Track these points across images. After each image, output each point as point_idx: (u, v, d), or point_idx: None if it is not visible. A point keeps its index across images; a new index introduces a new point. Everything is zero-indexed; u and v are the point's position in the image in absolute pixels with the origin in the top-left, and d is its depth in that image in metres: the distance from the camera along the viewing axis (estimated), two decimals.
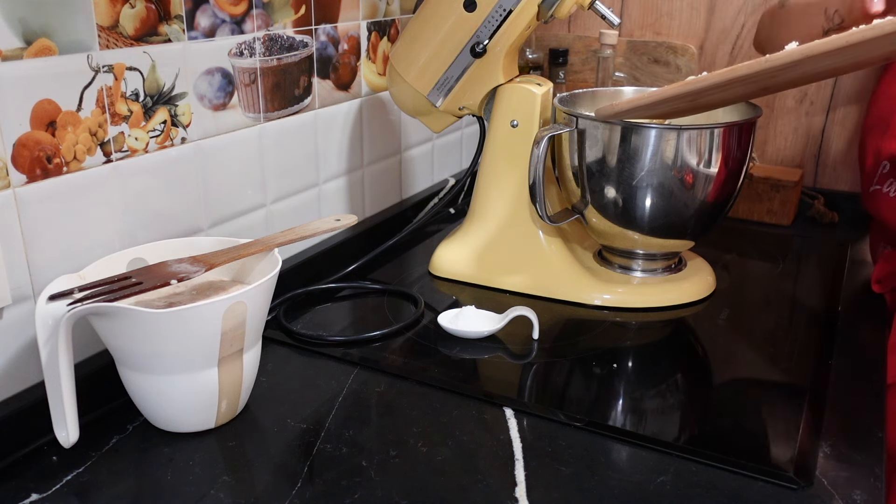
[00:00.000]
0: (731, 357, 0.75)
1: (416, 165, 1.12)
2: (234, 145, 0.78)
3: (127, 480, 0.56)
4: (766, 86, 0.71)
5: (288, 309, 0.83)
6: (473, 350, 0.74)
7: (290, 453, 0.59)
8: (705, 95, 0.71)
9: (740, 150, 0.79)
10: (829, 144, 1.16)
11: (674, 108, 0.75)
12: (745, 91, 0.73)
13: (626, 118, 0.76)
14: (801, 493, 0.55)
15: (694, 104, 0.75)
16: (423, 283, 0.90)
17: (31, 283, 0.60)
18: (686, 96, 0.70)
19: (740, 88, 0.70)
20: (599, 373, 0.71)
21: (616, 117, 0.76)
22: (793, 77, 0.69)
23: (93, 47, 0.62)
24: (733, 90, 0.70)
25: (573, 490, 0.55)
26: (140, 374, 0.59)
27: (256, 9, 0.77)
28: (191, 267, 0.62)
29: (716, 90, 0.69)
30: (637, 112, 0.75)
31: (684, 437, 0.61)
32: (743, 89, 0.71)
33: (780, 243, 1.04)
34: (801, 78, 0.71)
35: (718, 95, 0.72)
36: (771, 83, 0.70)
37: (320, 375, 0.70)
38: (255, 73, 0.79)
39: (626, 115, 0.76)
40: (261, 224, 0.84)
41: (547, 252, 0.87)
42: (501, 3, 0.79)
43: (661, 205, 0.80)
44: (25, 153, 0.58)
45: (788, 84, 0.74)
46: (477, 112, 0.88)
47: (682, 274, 0.88)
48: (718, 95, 0.72)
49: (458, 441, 0.61)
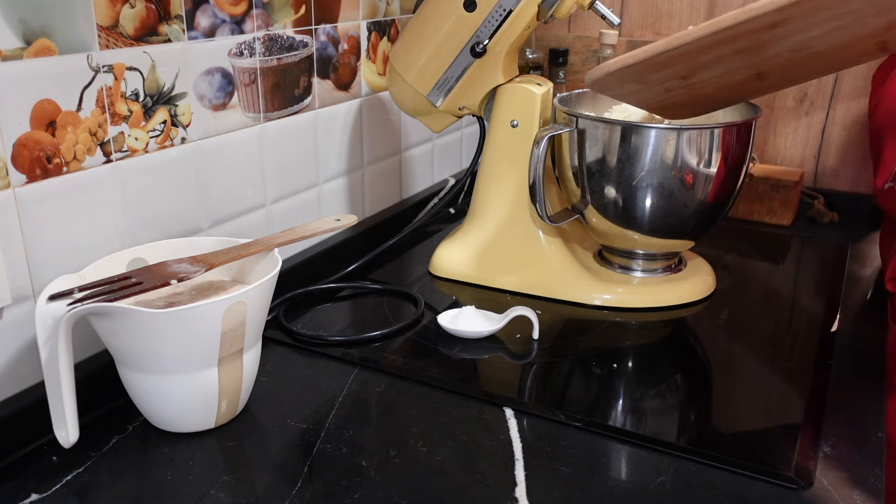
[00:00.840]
0: (731, 357, 0.75)
1: (416, 165, 1.12)
2: (234, 145, 0.78)
3: (127, 480, 0.56)
4: (761, 70, 0.68)
5: (288, 309, 0.83)
6: (473, 350, 0.74)
7: (290, 453, 0.59)
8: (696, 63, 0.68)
9: (740, 150, 0.79)
10: (829, 144, 1.16)
11: (667, 87, 0.72)
12: (736, 70, 0.70)
13: (618, 90, 0.74)
14: (801, 494, 0.55)
15: (688, 86, 0.72)
16: (423, 283, 0.90)
17: (31, 283, 0.60)
18: (674, 57, 0.67)
19: (731, 63, 0.67)
20: (599, 373, 0.71)
21: (605, 82, 0.73)
22: (784, 52, 0.66)
23: (93, 47, 0.62)
24: (724, 65, 0.68)
25: (573, 490, 0.55)
26: (140, 374, 0.59)
27: (256, 9, 0.77)
28: (191, 267, 0.62)
29: (704, 54, 0.67)
30: (628, 79, 0.73)
31: (684, 437, 0.61)
32: (734, 66, 0.68)
33: (780, 243, 1.04)
34: (794, 61, 0.68)
35: (710, 73, 0.69)
36: (763, 61, 0.67)
37: (320, 375, 0.70)
38: (255, 73, 0.79)
39: (616, 81, 0.73)
40: (261, 224, 0.84)
41: (547, 252, 0.87)
42: (501, 3, 0.79)
43: (661, 205, 0.79)
44: (25, 153, 0.58)
45: (783, 70, 0.71)
46: (477, 112, 0.88)
47: (682, 274, 0.88)
48: (710, 73, 0.69)
49: (458, 441, 0.61)
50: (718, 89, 0.75)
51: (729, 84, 0.73)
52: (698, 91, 0.75)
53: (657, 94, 0.76)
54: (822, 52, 0.66)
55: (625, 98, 0.79)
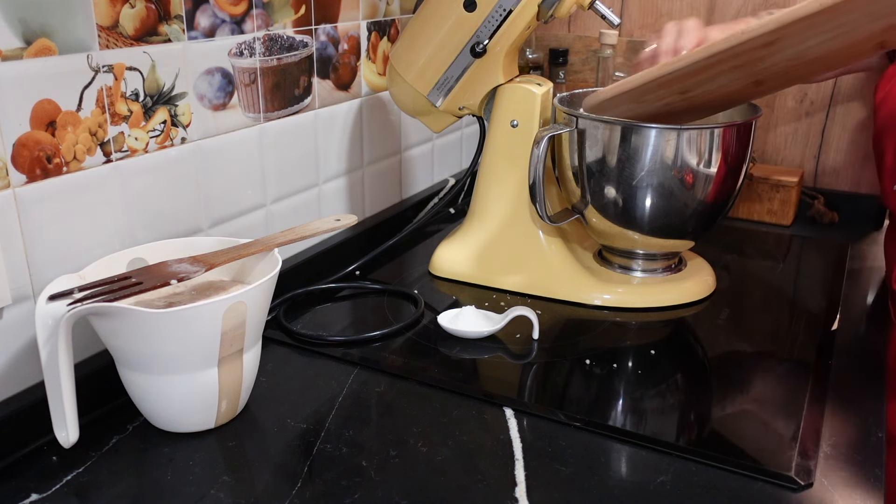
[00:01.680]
0: (731, 357, 0.75)
1: (416, 165, 1.12)
2: (234, 145, 0.78)
3: (127, 480, 0.56)
4: (759, 78, 0.69)
5: (288, 309, 0.83)
6: (473, 350, 0.74)
7: (290, 453, 0.59)
8: (692, 82, 0.68)
9: (740, 151, 0.79)
10: (829, 144, 1.16)
11: (666, 102, 0.73)
12: (734, 81, 0.70)
13: (615, 111, 0.75)
14: (801, 494, 0.55)
15: (687, 99, 0.73)
16: (423, 283, 0.90)
17: (31, 283, 0.60)
18: (669, 80, 0.67)
19: (729, 76, 0.68)
20: (599, 373, 0.71)
21: (602, 107, 0.74)
22: (781, 62, 0.66)
23: (93, 47, 0.62)
24: (722, 79, 0.68)
25: (573, 490, 0.55)
26: (140, 374, 0.59)
27: (256, 9, 0.77)
28: (191, 267, 0.62)
29: (700, 74, 0.67)
30: (624, 102, 0.73)
31: (684, 437, 0.61)
32: (732, 78, 0.68)
33: (780, 243, 1.04)
34: (792, 67, 0.68)
35: (708, 86, 0.69)
36: (761, 71, 0.67)
37: (320, 375, 0.70)
38: (255, 73, 0.79)
39: (612, 105, 0.74)
40: (261, 224, 0.84)
41: (547, 252, 0.87)
42: (501, 3, 0.79)
43: (661, 205, 0.79)
44: (25, 153, 0.58)
45: (781, 75, 0.71)
46: (477, 112, 0.88)
47: (682, 274, 0.88)
48: (708, 86, 0.69)
49: (458, 441, 0.61)
50: (718, 97, 0.76)
51: (728, 92, 0.74)
52: (698, 101, 0.75)
53: (657, 108, 0.77)
54: (821, 56, 0.66)
55: (625, 115, 0.79)
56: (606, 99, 0.73)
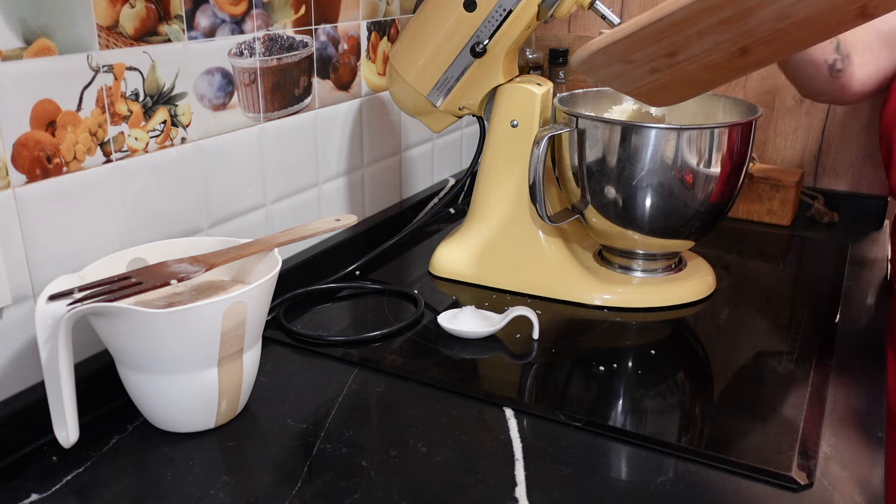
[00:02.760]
0: (731, 357, 0.75)
1: (416, 165, 1.12)
2: (233, 145, 0.78)
3: (127, 480, 0.56)
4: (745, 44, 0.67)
5: (288, 309, 0.83)
6: (473, 350, 0.74)
7: (290, 453, 0.59)
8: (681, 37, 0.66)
9: (740, 150, 0.79)
10: (829, 144, 1.16)
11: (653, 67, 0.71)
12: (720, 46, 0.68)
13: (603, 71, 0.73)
14: (801, 494, 0.55)
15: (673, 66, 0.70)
16: (423, 283, 0.90)
17: (31, 283, 0.60)
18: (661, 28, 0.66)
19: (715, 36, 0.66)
20: (599, 373, 0.71)
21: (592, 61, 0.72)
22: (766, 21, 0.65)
23: (93, 47, 0.62)
24: (708, 39, 0.67)
25: (573, 490, 0.55)
26: (140, 374, 0.59)
27: (256, 9, 0.77)
28: (191, 267, 0.62)
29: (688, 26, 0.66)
30: (615, 59, 0.72)
31: (684, 437, 0.61)
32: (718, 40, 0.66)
33: (780, 243, 1.04)
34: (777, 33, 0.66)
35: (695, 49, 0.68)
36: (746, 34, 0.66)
37: (320, 375, 0.70)
38: (255, 73, 0.79)
39: (603, 62, 0.72)
40: (261, 224, 0.84)
41: (547, 252, 0.87)
42: (501, 3, 0.79)
43: (662, 205, 0.80)
44: (25, 153, 0.58)
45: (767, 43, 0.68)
46: (477, 112, 0.88)
47: (682, 274, 0.88)
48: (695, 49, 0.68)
49: (458, 441, 0.61)
50: (703, 68, 0.73)
51: (713, 63, 0.72)
52: (683, 71, 0.74)
53: (642, 75, 0.74)
54: (804, 20, 0.66)
55: (611, 82, 0.77)
56: (598, 50, 0.71)
